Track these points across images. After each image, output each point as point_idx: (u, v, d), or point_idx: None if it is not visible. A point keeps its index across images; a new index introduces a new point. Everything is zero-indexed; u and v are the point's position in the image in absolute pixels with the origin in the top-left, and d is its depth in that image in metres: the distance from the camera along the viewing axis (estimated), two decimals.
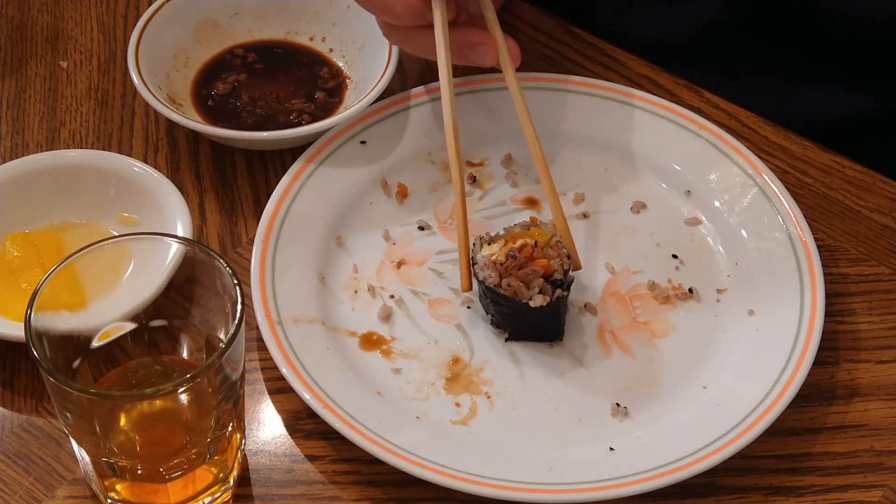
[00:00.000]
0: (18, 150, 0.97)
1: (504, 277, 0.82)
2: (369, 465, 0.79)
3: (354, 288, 0.88)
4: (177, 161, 0.96)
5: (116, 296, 0.79)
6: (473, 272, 0.84)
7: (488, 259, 0.83)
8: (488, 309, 0.85)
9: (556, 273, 0.82)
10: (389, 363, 0.85)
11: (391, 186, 0.94)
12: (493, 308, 0.85)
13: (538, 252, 0.82)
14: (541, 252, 0.83)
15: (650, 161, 0.95)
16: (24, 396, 0.82)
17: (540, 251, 0.83)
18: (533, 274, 0.82)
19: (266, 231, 0.88)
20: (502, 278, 0.82)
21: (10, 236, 0.87)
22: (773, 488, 0.79)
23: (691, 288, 0.88)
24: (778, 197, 0.90)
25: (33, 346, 0.70)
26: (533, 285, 0.82)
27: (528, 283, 0.82)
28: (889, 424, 0.82)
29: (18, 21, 1.06)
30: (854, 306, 0.88)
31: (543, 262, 0.82)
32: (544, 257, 0.82)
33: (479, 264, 0.83)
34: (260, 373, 0.84)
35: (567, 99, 0.97)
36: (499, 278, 0.82)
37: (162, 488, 0.74)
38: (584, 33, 1.04)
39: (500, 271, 0.82)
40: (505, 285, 0.82)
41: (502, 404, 0.83)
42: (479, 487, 0.77)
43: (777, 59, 1.03)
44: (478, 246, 0.84)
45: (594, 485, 0.77)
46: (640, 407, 0.83)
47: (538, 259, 0.82)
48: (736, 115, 0.99)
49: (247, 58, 1.01)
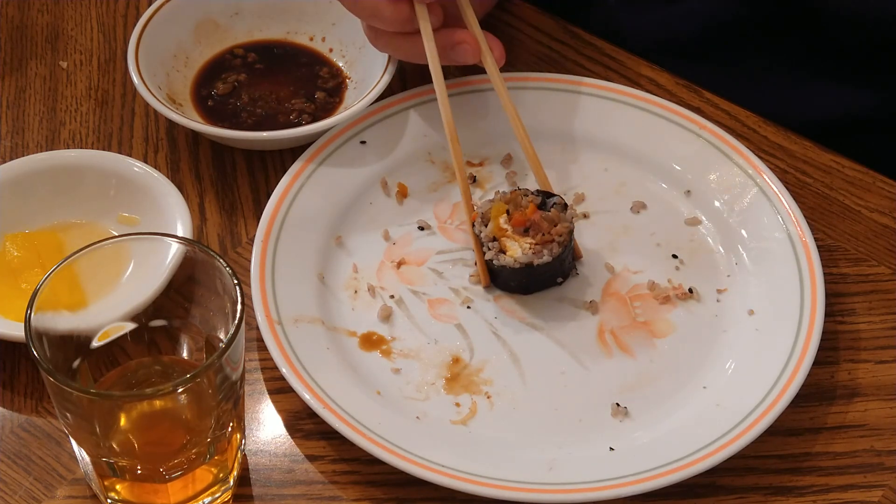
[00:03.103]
0: (18, 150, 0.97)
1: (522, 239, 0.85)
2: (369, 465, 0.79)
3: (354, 288, 0.88)
4: (177, 161, 0.96)
5: (116, 296, 0.79)
6: (493, 266, 0.86)
7: (502, 235, 0.85)
8: (507, 286, 0.87)
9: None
10: (389, 363, 0.85)
11: (391, 186, 0.94)
12: (513, 282, 0.87)
13: (530, 212, 0.86)
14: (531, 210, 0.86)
15: (650, 161, 0.95)
16: (24, 396, 0.82)
17: (531, 210, 0.86)
18: (544, 227, 0.84)
19: (266, 231, 0.88)
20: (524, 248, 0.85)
21: (10, 236, 0.87)
22: (773, 488, 0.79)
23: (691, 288, 0.88)
24: (778, 197, 0.90)
25: (33, 346, 0.70)
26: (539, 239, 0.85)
27: (545, 243, 0.84)
28: (889, 424, 0.82)
29: (18, 21, 1.06)
30: (854, 306, 0.88)
31: (544, 215, 0.86)
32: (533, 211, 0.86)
33: (496, 255, 0.86)
34: (260, 373, 0.84)
35: (567, 99, 0.97)
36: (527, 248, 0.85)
37: (162, 488, 0.74)
38: (584, 33, 1.04)
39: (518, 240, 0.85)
40: (529, 252, 0.84)
41: (502, 404, 0.83)
42: (479, 487, 0.77)
43: (778, 57, 1.03)
44: (484, 230, 0.86)
45: (594, 485, 0.77)
46: (640, 407, 0.83)
47: (536, 218, 0.85)
48: (736, 115, 0.99)
49: (247, 58, 1.01)
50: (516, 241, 0.86)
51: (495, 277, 0.88)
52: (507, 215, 0.86)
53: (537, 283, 0.88)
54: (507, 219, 0.86)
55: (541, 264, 0.85)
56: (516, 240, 0.86)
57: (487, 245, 0.86)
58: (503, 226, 0.86)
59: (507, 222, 0.86)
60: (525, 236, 0.85)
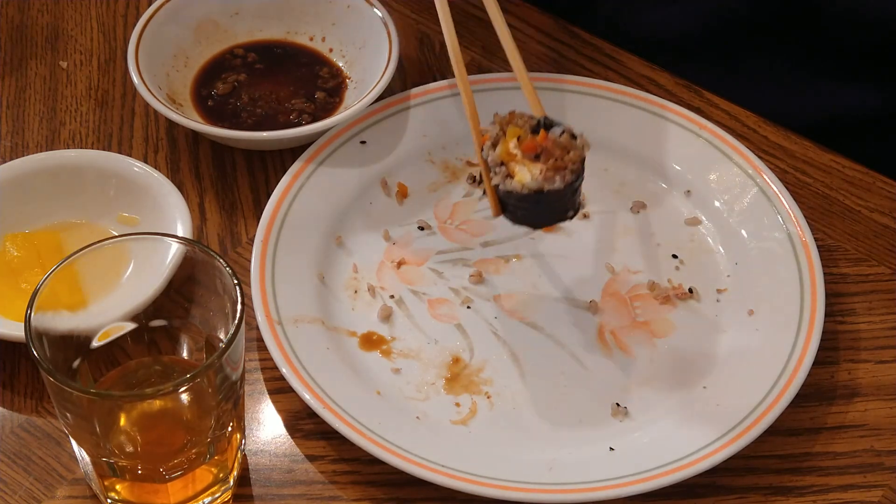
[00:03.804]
0: (18, 150, 0.97)
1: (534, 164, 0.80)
2: (369, 465, 0.79)
3: (354, 288, 0.88)
4: (177, 161, 0.96)
5: (116, 296, 0.79)
6: (498, 192, 0.82)
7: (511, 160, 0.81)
8: (514, 216, 0.83)
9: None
10: (389, 363, 0.85)
11: (391, 186, 0.94)
12: (521, 212, 0.82)
13: (541, 138, 0.81)
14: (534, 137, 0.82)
15: (650, 161, 0.95)
16: (24, 396, 0.82)
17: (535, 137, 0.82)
18: (556, 153, 0.80)
19: (266, 231, 0.88)
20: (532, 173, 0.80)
21: (10, 236, 0.87)
22: (773, 488, 0.79)
23: (691, 288, 0.88)
24: (778, 197, 0.90)
25: (33, 346, 0.70)
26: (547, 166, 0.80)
27: (557, 169, 0.80)
28: (889, 424, 0.82)
29: (18, 21, 1.06)
30: (854, 306, 0.88)
31: (544, 140, 0.81)
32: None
33: (505, 179, 0.81)
34: (260, 373, 0.84)
35: (567, 99, 0.97)
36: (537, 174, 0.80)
37: (162, 488, 0.74)
38: (584, 33, 1.05)
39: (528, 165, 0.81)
40: (540, 178, 0.80)
41: (502, 404, 0.83)
42: (479, 487, 0.77)
43: (779, 56, 1.03)
44: (492, 154, 0.82)
45: (594, 485, 0.77)
46: (640, 407, 0.83)
47: (548, 144, 0.81)
48: (736, 115, 0.99)
49: (247, 58, 1.01)
50: (526, 165, 0.81)
51: (504, 207, 0.83)
52: (518, 140, 0.81)
53: (546, 215, 0.83)
54: (516, 144, 0.81)
55: (551, 191, 0.79)
56: (526, 164, 0.81)
57: (494, 169, 0.81)
58: (512, 150, 0.81)
59: (516, 147, 0.81)
60: (535, 162, 0.80)
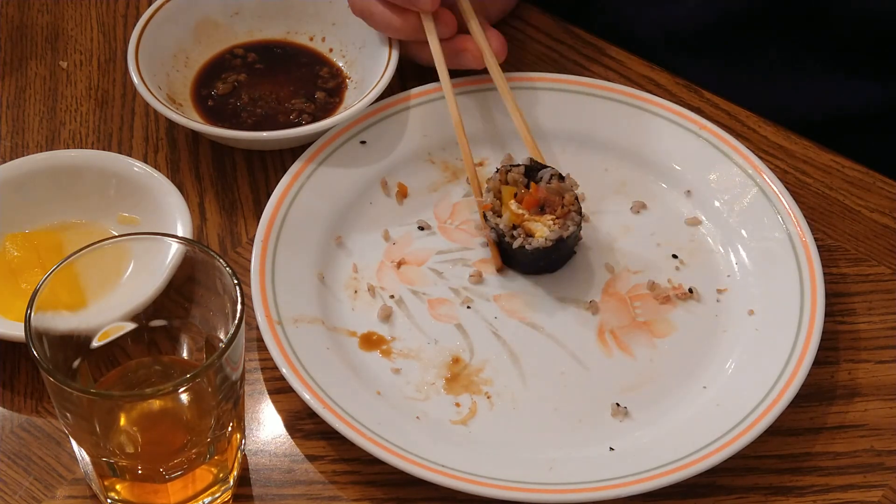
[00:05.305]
0: (18, 150, 0.97)
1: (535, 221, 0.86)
2: (369, 465, 0.79)
3: (354, 288, 0.88)
4: (177, 161, 0.96)
5: (116, 296, 0.79)
6: (502, 247, 0.88)
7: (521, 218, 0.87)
8: (535, 267, 0.88)
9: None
10: (389, 363, 0.85)
11: (391, 186, 0.94)
12: (542, 261, 0.88)
13: (535, 191, 0.87)
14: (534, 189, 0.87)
15: (650, 161, 0.95)
16: (24, 396, 0.82)
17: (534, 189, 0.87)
18: (557, 200, 0.86)
19: (266, 231, 0.88)
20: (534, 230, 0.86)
21: (10, 236, 0.87)
22: (773, 488, 0.79)
23: (691, 288, 0.88)
24: (778, 197, 0.90)
25: (33, 346, 0.70)
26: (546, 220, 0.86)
27: (564, 216, 0.86)
28: (889, 424, 0.82)
29: (18, 21, 1.06)
30: (854, 306, 0.88)
31: (545, 194, 0.87)
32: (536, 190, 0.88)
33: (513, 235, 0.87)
34: (260, 373, 0.84)
35: (567, 99, 0.97)
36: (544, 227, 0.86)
37: (162, 488, 0.74)
38: (584, 33, 1.05)
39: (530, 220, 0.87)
40: (548, 232, 0.86)
41: (502, 404, 0.83)
42: (479, 487, 0.77)
43: (782, 53, 1.03)
44: (501, 221, 0.87)
45: (594, 485, 0.77)
46: (640, 407, 0.83)
47: (546, 194, 0.87)
48: (736, 115, 0.99)
49: (247, 58, 1.01)
50: (538, 221, 0.86)
51: (519, 263, 0.88)
52: (515, 198, 0.87)
53: (563, 257, 0.89)
54: (517, 205, 0.87)
55: (569, 236, 0.86)
56: (538, 220, 0.86)
57: (511, 234, 0.86)
58: (518, 211, 0.87)
59: (519, 207, 0.87)
60: (542, 215, 0.86)
